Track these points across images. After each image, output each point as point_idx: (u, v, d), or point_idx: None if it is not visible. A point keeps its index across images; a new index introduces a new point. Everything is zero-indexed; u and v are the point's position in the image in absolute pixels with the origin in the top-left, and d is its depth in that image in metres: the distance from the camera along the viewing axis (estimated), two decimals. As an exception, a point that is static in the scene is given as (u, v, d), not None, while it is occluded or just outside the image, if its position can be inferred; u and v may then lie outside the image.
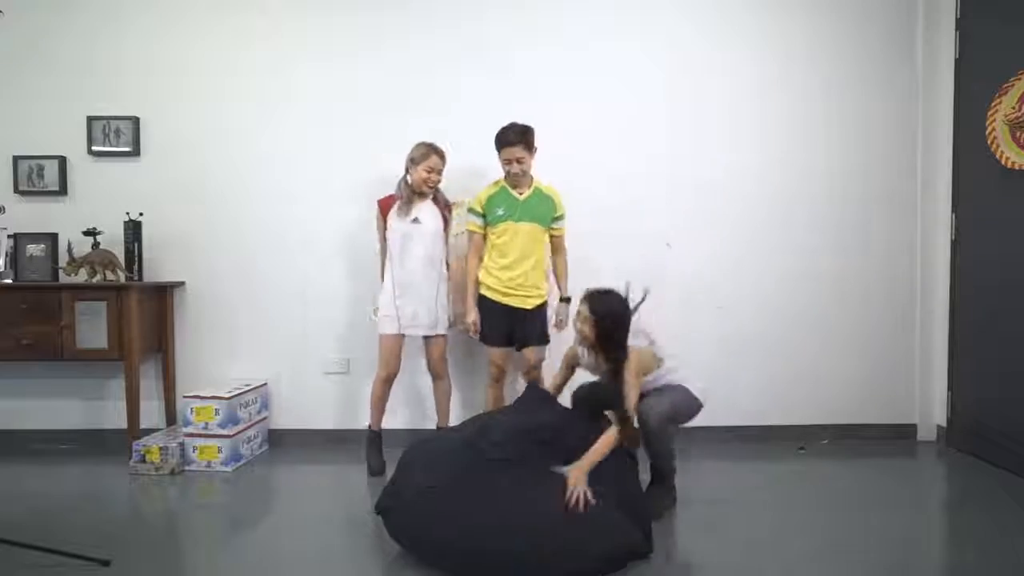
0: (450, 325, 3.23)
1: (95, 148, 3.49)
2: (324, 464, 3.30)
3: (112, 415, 3.46)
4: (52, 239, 3.42)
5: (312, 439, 3.53)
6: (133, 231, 3.40)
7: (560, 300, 3.24)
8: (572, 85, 3.53)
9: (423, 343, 3.20)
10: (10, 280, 3.32)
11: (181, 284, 3.53)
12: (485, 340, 3.14)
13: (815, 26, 3.58)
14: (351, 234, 3.51)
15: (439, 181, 3.12)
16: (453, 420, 3.26)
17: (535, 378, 3.10)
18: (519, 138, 3.01)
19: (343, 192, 3.49)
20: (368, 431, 3.19)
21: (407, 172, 3.11)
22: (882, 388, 3.64)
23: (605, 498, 2.20)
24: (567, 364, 2.80)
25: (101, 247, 3.33)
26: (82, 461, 3.30)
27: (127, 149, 3.48)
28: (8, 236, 3.22)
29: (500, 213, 3.08)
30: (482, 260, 3.15)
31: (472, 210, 3.15)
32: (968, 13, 3.39)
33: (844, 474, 3.12)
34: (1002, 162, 3.09)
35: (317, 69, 3.51)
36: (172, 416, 3.50)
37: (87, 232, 3.33)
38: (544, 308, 3.16)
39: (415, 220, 3.08)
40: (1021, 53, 3.03)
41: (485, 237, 3.15)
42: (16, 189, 3.47)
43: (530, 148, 3.05)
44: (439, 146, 3.08)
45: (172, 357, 3.52)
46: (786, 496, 2.84)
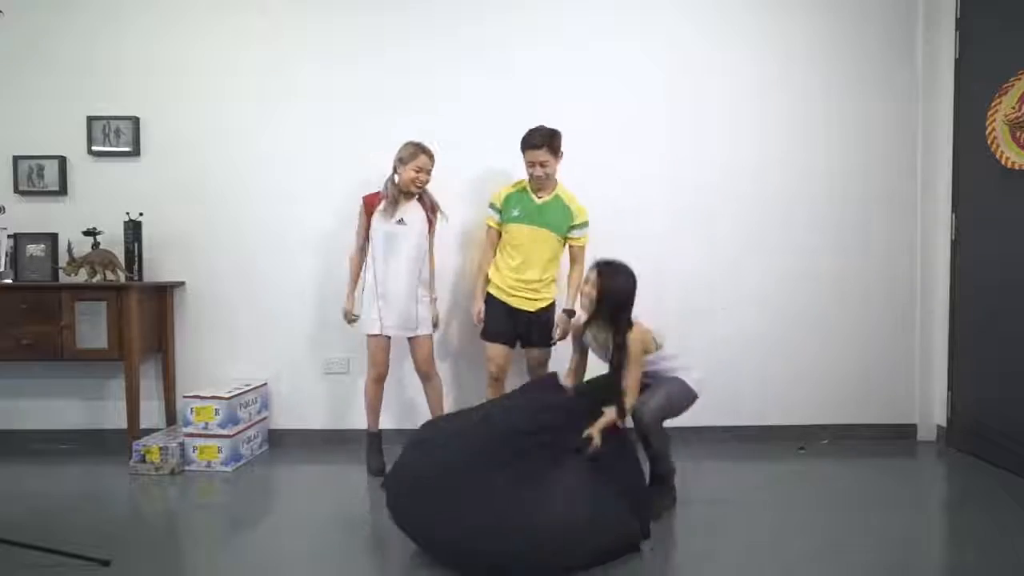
0: (435, 326, 3.21)
1: (95, 148, 3.48)
2: (324, 464, 3.30)
3: (112, 415, 3.45)
4: (52, 239, 3.41)
5: (312, 439, 3.53)
6: (133, 231, 3.40)
7: (563, 311, 3.13)
8: (572, 85, 3.53)
9: (408, 344, 3.17)
10: (10, 280, 3.32)
11: (181, 284, 3.53)
12: (483, 334, 3.13)
13: (815, 26, 3.58)
14: (351, 234, 3.49)
15: (427, 181, 3.08)
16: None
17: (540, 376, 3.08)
18: (544, 141, 2.97)
19: (343, 192, 3.48)
20: (367, 432, 3.19)
21: (395, 171, 3.08)
22: (882, 388, 3.64)
23: (606, 492, 2.22)
24: (576, 343, 2.78)
25: (101, 247, 3.33)
26: (82, 461, 3.30)
27: (127, 149, 3.48)
28: (8, 236, 3.21)
29: (515, 214, 3.06)
30: (495, 254, 3.15)
31: (492, 205, 3.15)
32: (968, 13, 3.38)
33: (844, 474, 3.12)
34: (1002, 162, 3.09)
35: (317, 69, 3.50)
36: (172, 416, 3.50)
37: (87, 232, 3.33)
38: (549, 312, 3.11)
39: (400, 221, 3.06)
40: (1021, 53, 3.03)
41: (500, 233, 3.14)
42: (16, 189, 3.47)
43: (555, 152, 3.01)
44: (428, 146, 3.05)
45: (172, 357, 3.51)
46: (786, 496, 2.84)
